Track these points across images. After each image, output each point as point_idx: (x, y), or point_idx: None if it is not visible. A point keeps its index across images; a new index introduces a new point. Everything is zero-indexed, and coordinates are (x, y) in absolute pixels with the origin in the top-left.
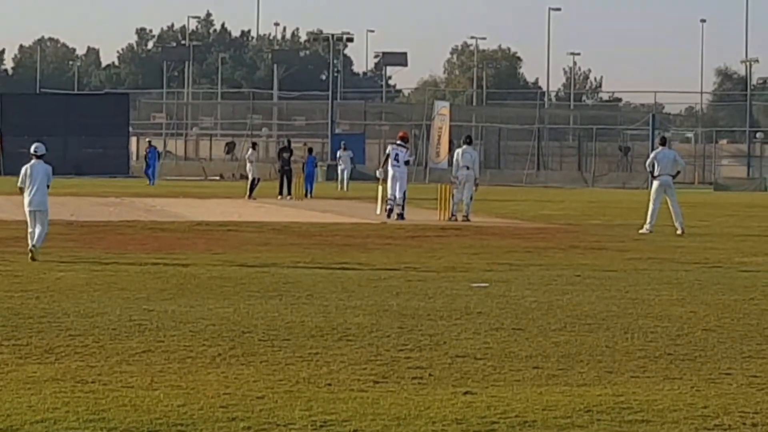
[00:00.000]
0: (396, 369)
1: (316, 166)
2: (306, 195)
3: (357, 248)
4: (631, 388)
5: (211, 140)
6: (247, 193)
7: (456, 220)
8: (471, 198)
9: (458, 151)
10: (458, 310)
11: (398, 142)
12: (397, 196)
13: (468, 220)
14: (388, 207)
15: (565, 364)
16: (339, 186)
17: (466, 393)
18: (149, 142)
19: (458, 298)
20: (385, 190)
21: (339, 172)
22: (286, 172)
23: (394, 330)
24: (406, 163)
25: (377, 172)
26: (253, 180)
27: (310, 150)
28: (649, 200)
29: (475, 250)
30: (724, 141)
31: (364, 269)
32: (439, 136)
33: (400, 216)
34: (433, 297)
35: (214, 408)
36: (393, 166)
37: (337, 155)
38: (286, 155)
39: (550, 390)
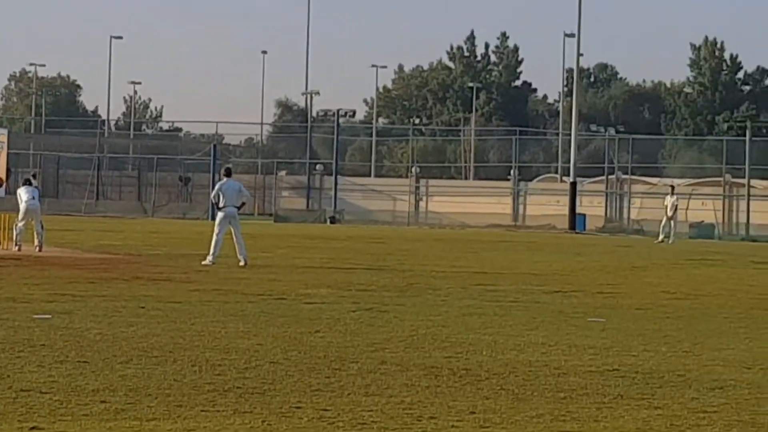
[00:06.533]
0: None
1: None
2: None
3: None
4: (201, 422)
5: None
6: None
7: (20, 249)
8: (42, 227)
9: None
10: (20, 343)
11: None
12: None
13: (41, 250)
14: None
15: (133, 398)
16: None
17: (32, 428)
18: None
19: (20, 330)
20: None
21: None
22: None
23: None
24: None
25: None
26: None
27: None
28: (213, 231)
29: (36, 281)
30: (284, 172)
31: None
32: None
33: None
34: None
35: None
36: None
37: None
38: None
39: (119, 425)
